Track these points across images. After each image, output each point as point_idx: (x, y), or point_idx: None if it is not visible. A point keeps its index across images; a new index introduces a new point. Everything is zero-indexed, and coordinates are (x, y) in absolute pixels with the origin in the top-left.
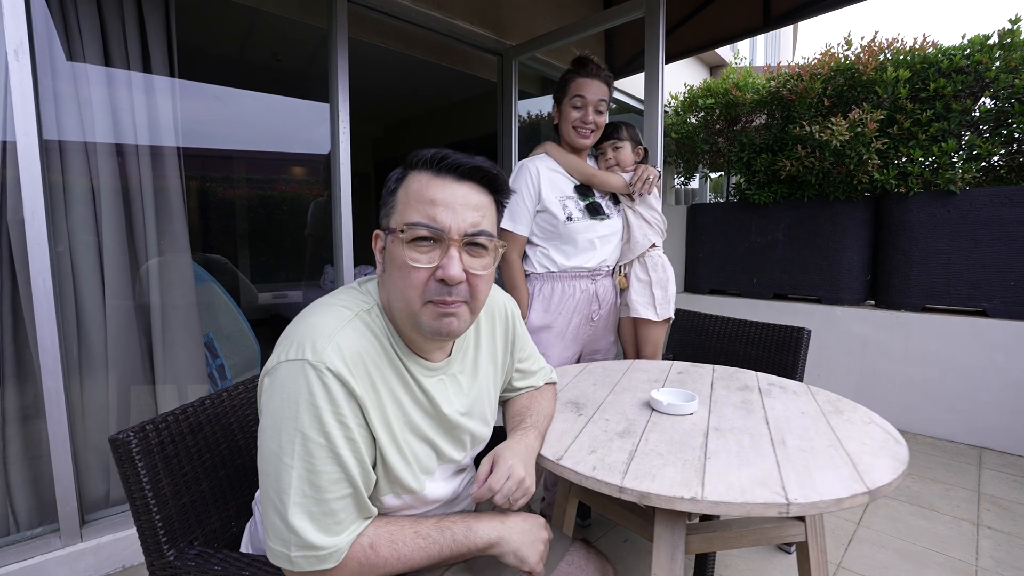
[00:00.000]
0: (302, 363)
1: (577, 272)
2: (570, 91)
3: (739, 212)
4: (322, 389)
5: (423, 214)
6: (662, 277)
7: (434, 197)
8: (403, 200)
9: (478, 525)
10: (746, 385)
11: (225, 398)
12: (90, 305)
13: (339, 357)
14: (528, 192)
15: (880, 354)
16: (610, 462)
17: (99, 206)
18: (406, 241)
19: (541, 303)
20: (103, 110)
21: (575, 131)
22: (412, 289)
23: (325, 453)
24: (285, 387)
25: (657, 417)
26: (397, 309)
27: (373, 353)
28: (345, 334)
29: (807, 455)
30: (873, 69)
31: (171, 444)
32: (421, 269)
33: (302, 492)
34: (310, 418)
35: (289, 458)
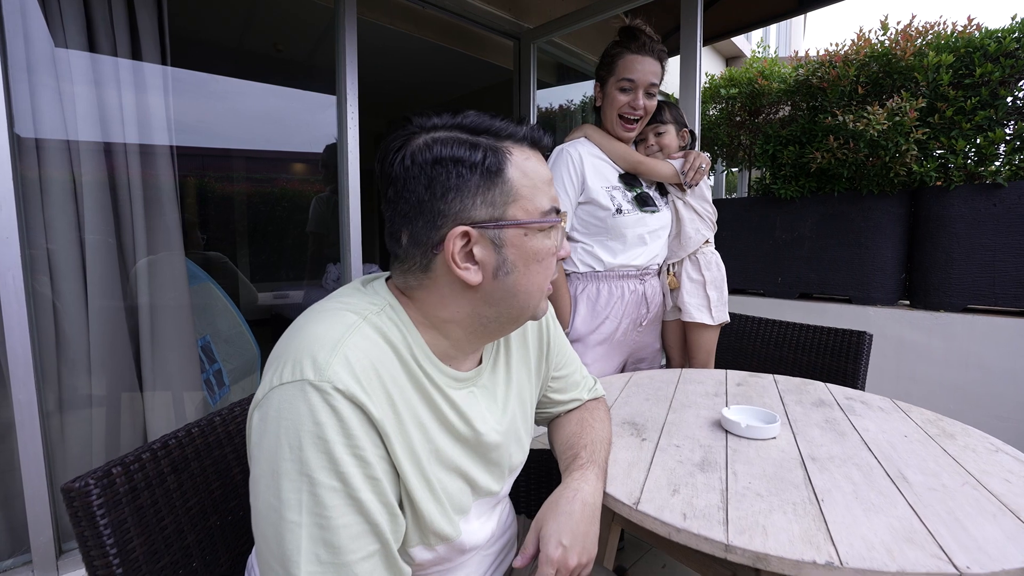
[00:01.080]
0: (301, 385)
1: (625, 271)
2: (617, 70)
3: (762, 207)
4: (331, 416)
5: (551, 197)
6: (716, 276)
7: (545, 175)
8: (526, 184)
9: None
10: (821, 400)
11: (218, 424)
12: (70, 307)
13: (349, 373)
14: (571, 180)
15: (917, 357)
16: (701, 507)
17: (81, 201)
18: (544, 230)
19: (586, 306)
20: (85, 97)
21: (621, 120)
22: (547, 279)
23: (341, 500)
24: (281, 419)
25: (734, 442)
26: (516, 309)
27: (389, 365)
28: (354, 343)
29: (943, 497)
30: (912, 54)
31: (146, 490)
32: (554, 255)
33: (315, 558)
34: (317, 456)
35: (295, 513)
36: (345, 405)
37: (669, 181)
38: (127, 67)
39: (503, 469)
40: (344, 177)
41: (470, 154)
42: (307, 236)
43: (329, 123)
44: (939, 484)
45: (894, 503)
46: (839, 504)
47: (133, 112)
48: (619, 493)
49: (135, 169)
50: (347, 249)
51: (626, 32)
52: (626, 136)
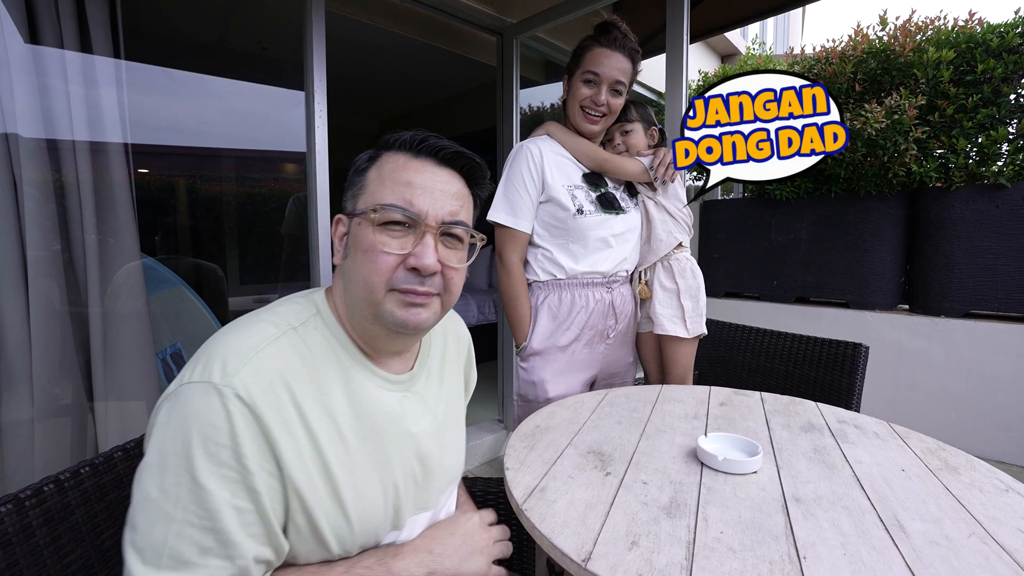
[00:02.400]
0: (207, 386)
1: (589, 279)
2: (584, 62)
3: (757, 209)
4: (225, 421)
5: (398, 196)
6: (692, 285)
7: (411, 179)
8: (375, 180)
9: (396, 566)
10: (811, 423)
11: (119, 460)
12: (10, 317)
13: (255, 383)
14: (530, 177)
15: (916, 364)
16: (661, 566)
17: (22, 202)
18: (377, 223)
19: (547, 317)
20: (27, 89)
21: (582, 112)
22: (377, 275)
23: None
24: (183, 414)
25: (710, 477)
26: (357, 299)
27: (307, 378)
28: (268, 355)
29: (947, 553)
30: (911, 50)
31: (43, 527)
32: (391, 254)
33: (176, 554)
34: (204, 456)
35: (171, 506)
36: (241, 413)
37: (637, 180)
38: (74, 59)
39: (437, 478)
40: (312, 176)
41: (357, 159)
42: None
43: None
44: (941, 535)
45: (889, 562)
46: (824, 562)
47: (83, 108)
48: (568, 546)
49: (85, 169)
50: (316, 252)
51: (599, 27)
52: (588, 129)
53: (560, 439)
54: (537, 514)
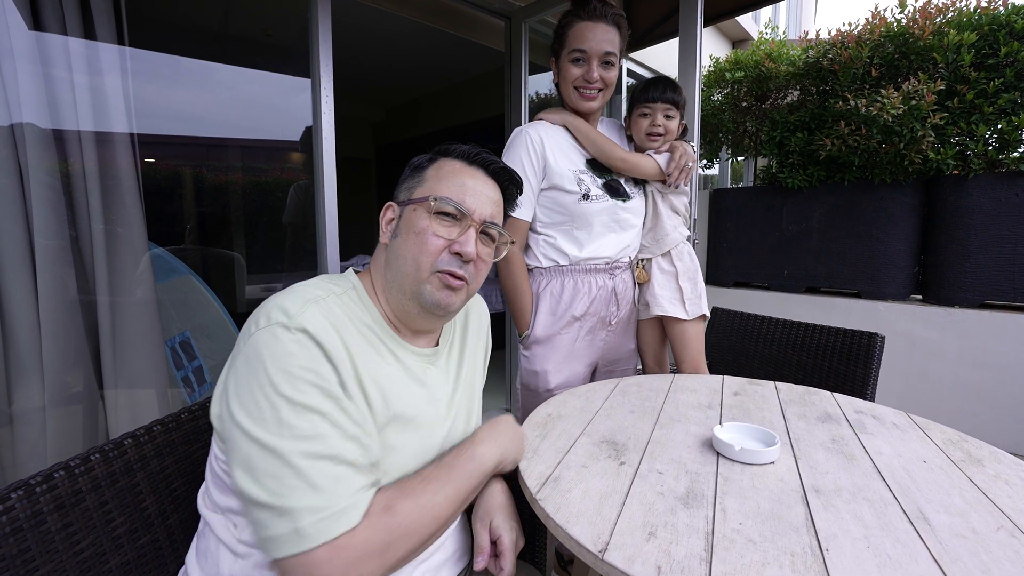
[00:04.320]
0: (275, 327)
1: (592, 264)
2: (568, 41)
3: (768, 197)
4: (300, 349)
5: (454, 193)
6: (690, 267)
7: (465, 182)
8: (433, 177)
9: (479, 451)
10: (827, 413)
11: (129, 447)
12: (19, 305)
13: (315, 323)
14: (530, 164)
15: (929, 355)
16: (680, 557)
17: (28, 192)
18: (434, 212)
19: (549, 304)
20: (31, 78)
21: (577, 92)
22: (427, 256)
23: (311, 414)
24: (259, 356)
25: (726, 467)
26: (402, 274)
27: (350, 333)
28: (318, 310)
29: (974, 546)
30: (931, 33)
31: (11, 537)
32: (440, 239)
33: (295, 469)
34: (286, 379)
35: (272, 434)
36: (311, 343)
37: (653, 179)
38: (78, 47)
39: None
40: (320, 164)
41: (415, 160)
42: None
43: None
44: (968, 528)
45: (914, 555)
46: (847, 555)
47: (88, 96)
48: (584, 536)
49: (91, 156)
50: (323, 241)
51: (579, 0)
52: (587, 107)
53: (573, 428)
54: (552, 504)
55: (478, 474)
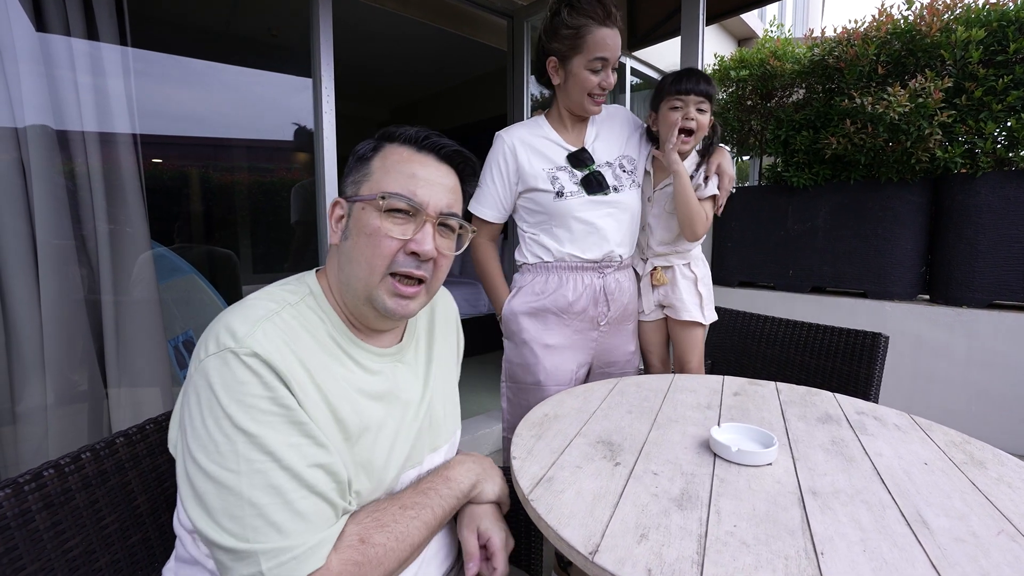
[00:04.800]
0: (224, 354)
1: (577, 262)
2: (587, 47)
3: (773, 196)
4: (249, 374)
5: (403, 186)
6: (704, 274)
7: (415, 172)
8: (380, 169)
9: (453, 473)
10: (828, 414)
11: (121, 446)
12: (21, 304)
13: (266, 342)
14: (499, 171)
15: (936, 356)
16: (672, 560)
17: (31, 192)
18: (382, 210)
19: (530, 296)
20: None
21: (591, 99)
22: (380, 258)
23: (272, 446)
24: (209, 386)
25: (723, 469)
26: (355, 278)
27: (305, 345)
28: (271, 325)
29: (974, 551)
30: (938, 30)
31: (43, 512)
32: (394, 239)
33: (256, 507)
34: (241, 410)
35: (231, 471)
36: (262, 367)
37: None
38: (81, 48)
39: (431, 440)
40: (320, 163)
41: (363, 146)
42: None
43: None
44: (968, 532)
45: (912, 559)
46: (843, 559)
47: (91, 96)
48: (575, 538)
49: (94, 157)
50: (324, 238)
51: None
52: (594, 111)
53: (569, 428)
54: (544, 505)
55: (453, 496)
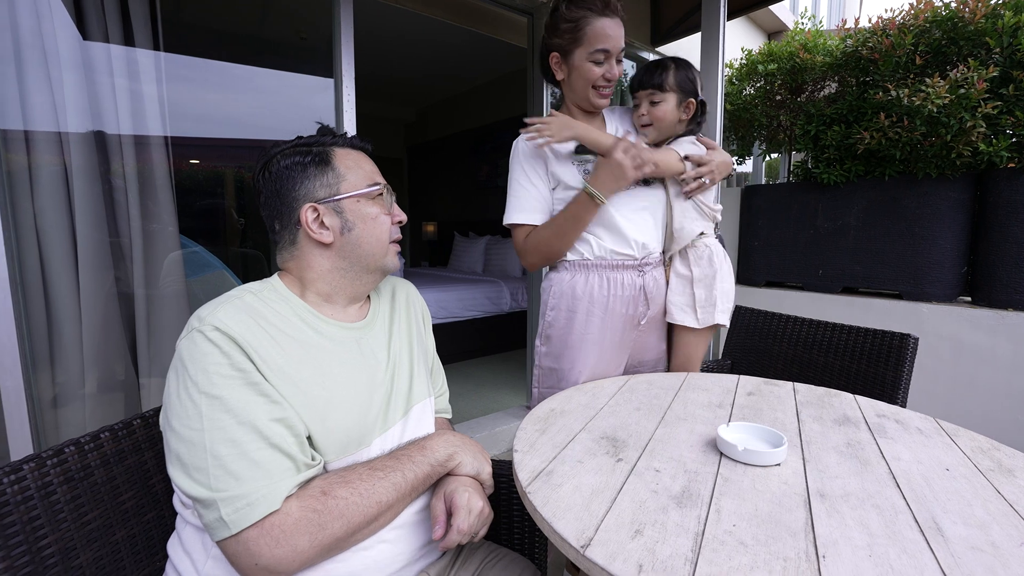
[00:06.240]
0: (190, 334)
1: (619, 260)
2: (587, 39)
3: (802, 194)
4: (212, 347)
5: (372, 177)
6: (707, 273)
7: (363, 166)
8: (347, 169)
9: (428, 443)
10: (846, 416)
11: (137, 427)
12: (63, 297)
13: (227, 317)
14: (533, 170)
15: (979, 361)
16: (664, 556)
17: (72, 191)
18: (373, 196)
19: (571, 300)
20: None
21: (596, 91)
22: (386, 233)
23: (230, 404)
24: (180, 362)
25: (729, 467)
26: (367, 258)
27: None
28: (232, 305)
29: (992, 561)
30: (983, 16)
31: (21, 506)
32: (388, 215)
33: (217, 458)
34: (204, 377)
35: (196, 430)
36: (222, 339)
37: (673, 176)
38: (119, 54)
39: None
40: None
41: (303, 157)
42: None
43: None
44: (986, 542)
45: (920, 566)
46: (846, 563)
47: (127, 100)
48: (568, 530)
49: (129, 158)
50: None
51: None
52: (604, 104)
53: (574, 423)
54: (540, 497)
55: (427, 463)
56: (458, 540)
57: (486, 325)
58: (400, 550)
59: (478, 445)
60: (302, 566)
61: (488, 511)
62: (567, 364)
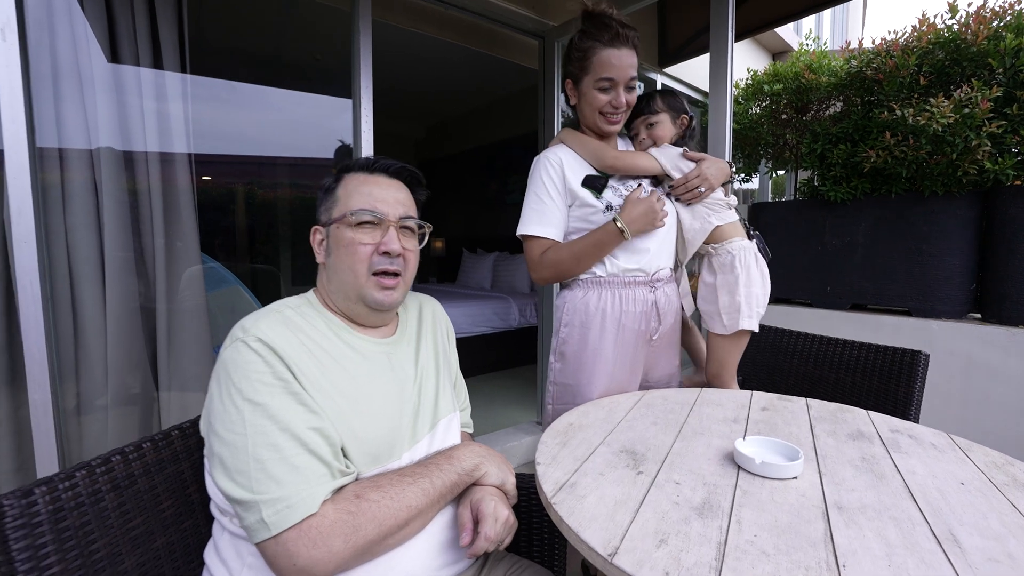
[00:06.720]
0: (234, 343)
1: (631, 277)
2: (593, 68)
3: (810, 211)
4: (255, 356)
5: (365, 203)
6: (729, 279)
7: (372, 191)
8: (344, 195)
9: (456, 452)
10: (860, 431)
11: (175, 438)
12: (89, 310)
13: (269, 329)
14: (552, 185)
15: (990, 377)
16: (690, 564)
17: (102, 208)
18: (353, 224)
19: (585, 316)
20: (108, 104)
21: (603, 117)
22: (360, 263)
23: (272, 411)
24: (225, 370)
25: (746, 480)
26: (344, 285)
27: (306, 335)
28: (273, 319)
29: (1009, 572)
30: (985, 38)
31: (75, 511)
32: (367, 245)
33: (259, 462)
34: (247, 384)
35: (239, 434)
36: (265, 349)
37: (655, 174)
38: (148, 76)
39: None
40: None
41: (326, 180)
42: None
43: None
44: (1003, 553)
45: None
46: (866, 572)
47: (154, 120)
48: (595, 540)
49: (155, 175)
50: None
51: (594, 21)
52: (611, 130)
53: (593, 437)
54: (566, 508)
55: (454, 472)
56: (485, 547)
57: (495, 341)
58: (426, 563)
59: (502, 457)
60: (337, 568)
61: (513, 520)
62: (583, 380)
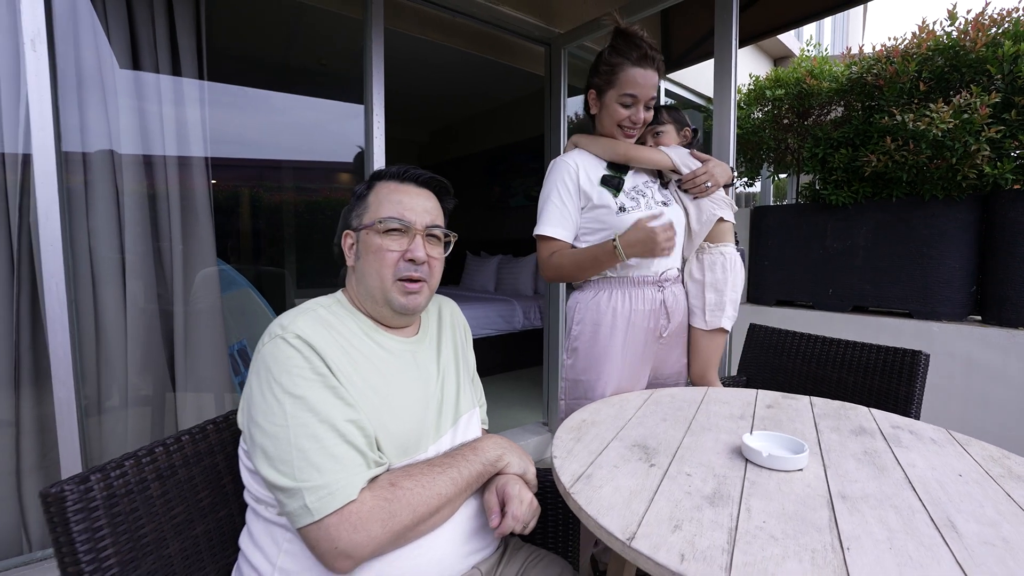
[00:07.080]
0: (273, 339)
1: (641, 277)
2: (620, 83)
3: (812, 214)
4: (295, 352)
5: (394, 211)
6: (719, 279)
7: (402, 199)
8: (374, 203)
9: (480, 444)
10: (862, 427)
11: (211, 431)
12: (111, 311)
13: (306, 327)
14: (565, 189)
15: (990, 378)
16: (704, 547)
17: (123, 211)
18: (382, 231)
19: (596, 315)
20: (128, 110)
21: (621, 131)
22: (387, 268)
23: (312, 404)
24: (265, 365)
25: (754, 472)
26: (371, 288)
27: (339, 333)
28: (310, 317)
29: (1002, 555)
30: (984, 45)
31: (125, 497)
32: (394, 252)
33: (301, 451)
34: (288, 378)
35: (280, 426)
36: (304, 345)
37: (666, 169)
38: (167, 83)
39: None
40: None
41: (357, 187)
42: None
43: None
44: (998, 537)
45: (937, 558)
46: (868, 554)
47: (173, 125)
48: (613, 525)
49: (173, 179)
50: None
51: (625, 40)
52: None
53: (606, 433)
54: (584, 497)
55: (479, 462)
56: (512, 527)
57: (499, 343)
58: (454, 549)
59: (522, 448)
60: (374, 552)
61: (536, 503)
62: (594, 376)
